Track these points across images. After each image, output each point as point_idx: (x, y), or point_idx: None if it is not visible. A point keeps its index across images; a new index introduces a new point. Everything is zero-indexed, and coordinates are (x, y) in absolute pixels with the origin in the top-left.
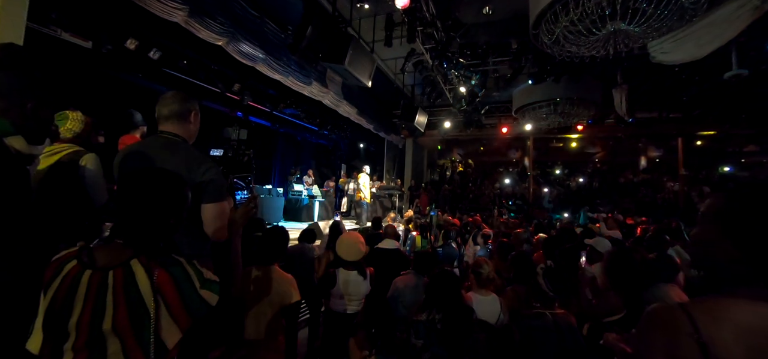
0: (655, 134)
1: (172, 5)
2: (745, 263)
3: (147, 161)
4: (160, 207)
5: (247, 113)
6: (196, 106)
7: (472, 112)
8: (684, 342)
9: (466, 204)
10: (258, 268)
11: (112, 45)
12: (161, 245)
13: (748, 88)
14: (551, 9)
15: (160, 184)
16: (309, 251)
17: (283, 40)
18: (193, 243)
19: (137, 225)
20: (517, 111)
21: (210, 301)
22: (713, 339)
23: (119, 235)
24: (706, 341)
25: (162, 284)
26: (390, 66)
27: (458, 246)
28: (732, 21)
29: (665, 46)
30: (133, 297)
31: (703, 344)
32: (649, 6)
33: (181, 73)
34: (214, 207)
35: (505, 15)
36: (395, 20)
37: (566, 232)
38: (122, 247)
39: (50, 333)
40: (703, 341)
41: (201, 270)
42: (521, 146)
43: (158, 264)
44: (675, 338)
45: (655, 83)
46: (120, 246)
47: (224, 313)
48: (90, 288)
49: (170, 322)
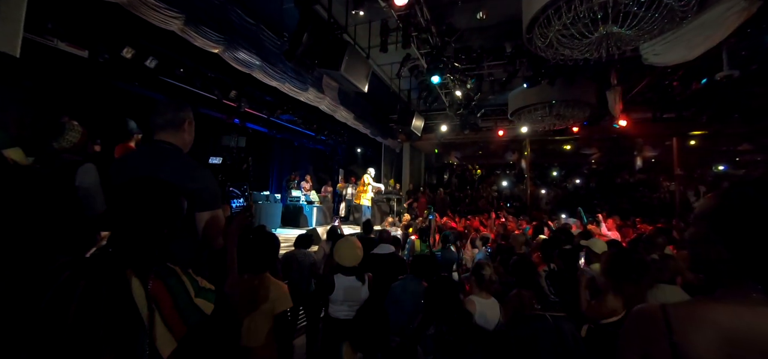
0: (649, 134)
1: (168, 14)
2: (735, 263)
3: (140, 170)
4: (154, 217)
5: (244, 120)
6: (191, 114)
7: (468, 115)
8: (656, 343)
9: (464, 207)
10: (250, 276)
11: (109, 54)
12: (156, 255)
13: (740, 87)
14: (544, 13)
15: (154, 194)
16: (305, 257)
17: (280, 46)
18: (189, 252)
19: (131, 235)
20: (512, 114)
21: (205, 310)
22: (687, 341)
23: (114, 244)
24: (678, 342)
25: (156, 293)
26: (386, 71)
27: (457, 250)
28: (721, 22)
29: (657, 48)
30: (127, 306)
31: (674, 344)
32: (639, 9)
33: (177, 81)
34: (208, 215)
35: (499, 19)
36: (390, 26)
37: (563, 232)
38: (116, 256)
39: (44, 343)
40: (675, 342)
41: (196, 278)
42: (518, 149)
43: (153, 273)
44: (649, 338)
45: (649, 85)
46: (114, 256)
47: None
48: (84, 298)
49: (165, 331)
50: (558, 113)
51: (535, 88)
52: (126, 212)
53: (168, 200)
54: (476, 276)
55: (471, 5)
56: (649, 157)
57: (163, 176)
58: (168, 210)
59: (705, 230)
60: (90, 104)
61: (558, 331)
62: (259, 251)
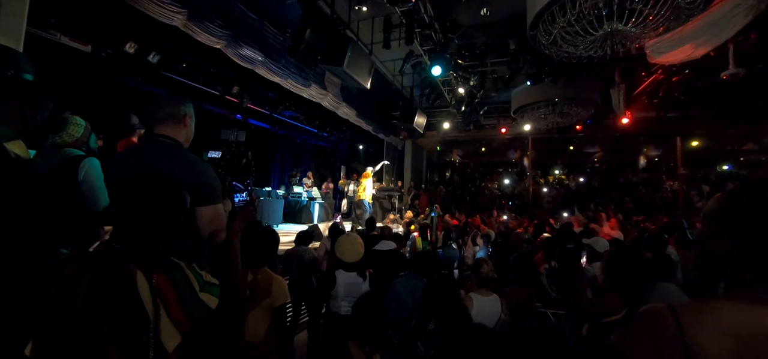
0: (653, 133)
1: (171, 9)
2: (744, 263)
3: (142, 164)
4: (158, 211)
5: (246, 116)
6: (191, 109)
7: (471, 113)
8: (668, 343)
9: (465, 205)
10: (250, 271)
11: (112, 49)
12: (160, 249)
13: (745, 87)
14: (548, 10)
15: (157, 188)
16: (306, 254)
17: (282, 42)
18: (191, 246)
19: (135, 229)
20: (515, 111)
21: (209, 304)
22: (698, 341)
23: (118, 239)
24: (690, 343)
25: (161, 287)
26: (389, 68)
27: (459, 247)
28: (729, 20)
29: (662, 45)
30: (131, 301)
31: (686, 345)
32: (645, 6)
33: (180, 77)
34: (208, 210)
35: (503, 16)
36: (393, 22)
37: (566, 231)
38: (120, 251)
39: (48, 337)
40: (687, 342)
41: (201, 273)
42: (520, 146)
43: (157, 268)
44: (660, 338)
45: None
46: (118, 250)
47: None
48: (88, 292)
49: (170, 325)
50: (561, 110)
51: (539, 85)
52: (130, 206)
53: (171, 195)
54: (475, 274)
55: (475, 2)
56: (653, 156)
57: (164, 171)
58: (171, 205)
59: (714, 228)
60: (92, 98)
61: (559, 329)
62: (258, 246)
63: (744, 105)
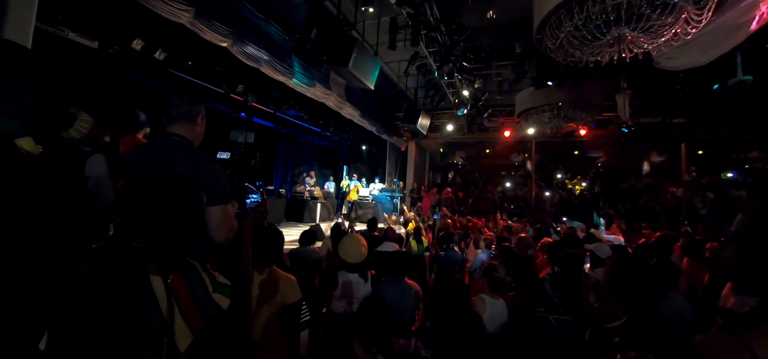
0: (658, 139)
1: (178, 7)
2: None
3: (155, 163)
4: (176, 211)
5: (250, 114)
6: (203, 109)
7: (475, 115)
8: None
9: (467, 208)
10: (257, 270)
11: (119, 45)
12: (176, 249)
13: (752, 94)
14: (555, 14)
15: (178, 189)
16: (313, 254)
17: (288, 42)
18: (200, 245)
19: (153, 229)
20: (520, 115)
21: (222, 305)
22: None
23: (137, 238)
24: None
25: (176, 288)
26: (393, 69)
27: (461, 250)
28: (736, 27)
29: (670, 52)
30: (147, 300)
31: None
32: (653, 12)
33: (185, 74)
34: (218, 210)
35: (509, 19)
36: (399, 24)
37: (570, 238)
38: (137, 250)
39: (64, 332)
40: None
41: (213, 274)
42: (524, 150)
43: (173, 268)
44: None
45: (660, 88)
46: (135, 249)
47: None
48: (104, 290)
49: (183, 325)
50: (566, 115)
51: (544, 89)
52: (149, 206)
53: (189, 195)
54: (488, 277)
55: (481, 4)
56: (657, 162)
57: (179, 171)
58: (189, 205)
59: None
60: (99, 94)
61: (561, 334)
62: (264, 245)
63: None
